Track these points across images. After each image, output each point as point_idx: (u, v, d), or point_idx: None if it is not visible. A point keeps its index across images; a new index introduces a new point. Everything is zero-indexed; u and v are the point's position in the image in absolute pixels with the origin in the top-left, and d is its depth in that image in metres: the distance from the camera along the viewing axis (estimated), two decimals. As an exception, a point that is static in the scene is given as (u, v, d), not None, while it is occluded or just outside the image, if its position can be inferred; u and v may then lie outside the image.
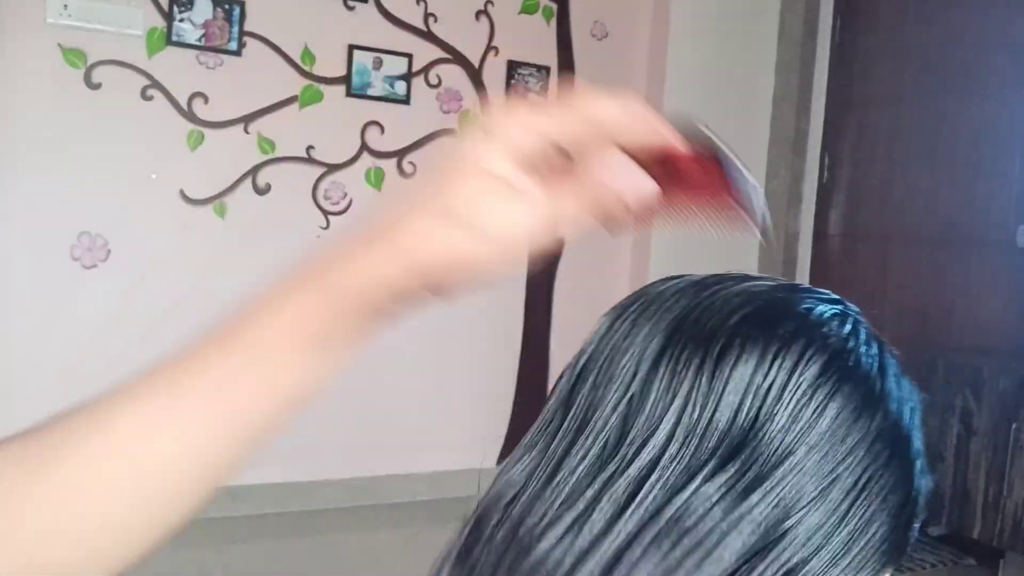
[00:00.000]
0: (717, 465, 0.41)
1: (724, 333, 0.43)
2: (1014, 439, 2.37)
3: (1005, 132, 2.86)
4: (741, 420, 0.42)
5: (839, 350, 0.44)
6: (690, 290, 0.47)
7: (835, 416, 0.42)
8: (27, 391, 2.59)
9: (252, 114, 2.80)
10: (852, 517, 0.42)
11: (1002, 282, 2.85)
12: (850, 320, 0.47)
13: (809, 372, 0.42)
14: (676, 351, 0.44)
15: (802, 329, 0.44)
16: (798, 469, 0.42)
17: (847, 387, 0.43)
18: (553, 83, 3.25)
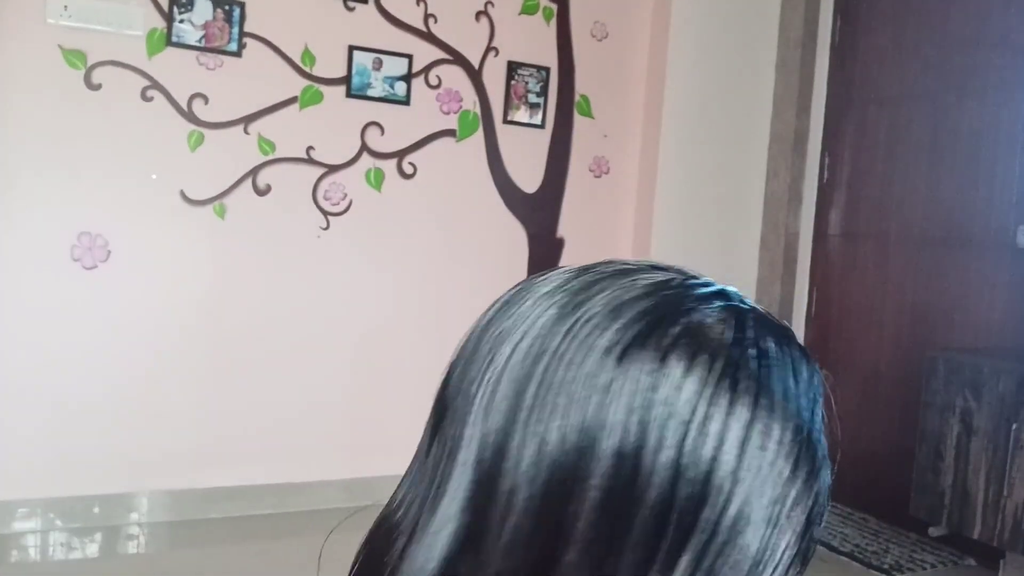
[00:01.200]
0: (621, 535, 0.38)
1: (586, 363, 0.39)
2: (1014, 439, 2.37)
3: (1005, 132, 2.86)
4: (624, 475, 0.38)
5: (724, 366, 0.40)
6: (559, 300, 0.42)
7: (737, 454, 0.39)
8: (27, 391, 2.59)
9: (252, 115, 2.80)
10: (761, 555, 0.39)
11: (1002, 282, 2.85)
12: (732, 314, 0.42)
13: (696, 405, 0.39)
14: (540, 383, 0.40)
15: (680, 344, 0.40)
16: (722, 524, 0.38)
17: (736, 412, 0.39)
18: (553, 84, 3.25)
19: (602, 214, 3.38)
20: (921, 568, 2.73)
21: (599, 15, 3.30)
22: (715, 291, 0.43)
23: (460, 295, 3.11)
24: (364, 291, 3.01)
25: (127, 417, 2.70)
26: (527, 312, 0.43)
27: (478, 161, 3.15)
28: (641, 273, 0.44)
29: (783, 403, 0.40)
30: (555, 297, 0.43)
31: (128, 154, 2.66)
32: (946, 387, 2.54)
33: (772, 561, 0.40)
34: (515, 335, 0.42)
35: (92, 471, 2.67)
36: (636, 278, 0.43)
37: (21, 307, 2.57)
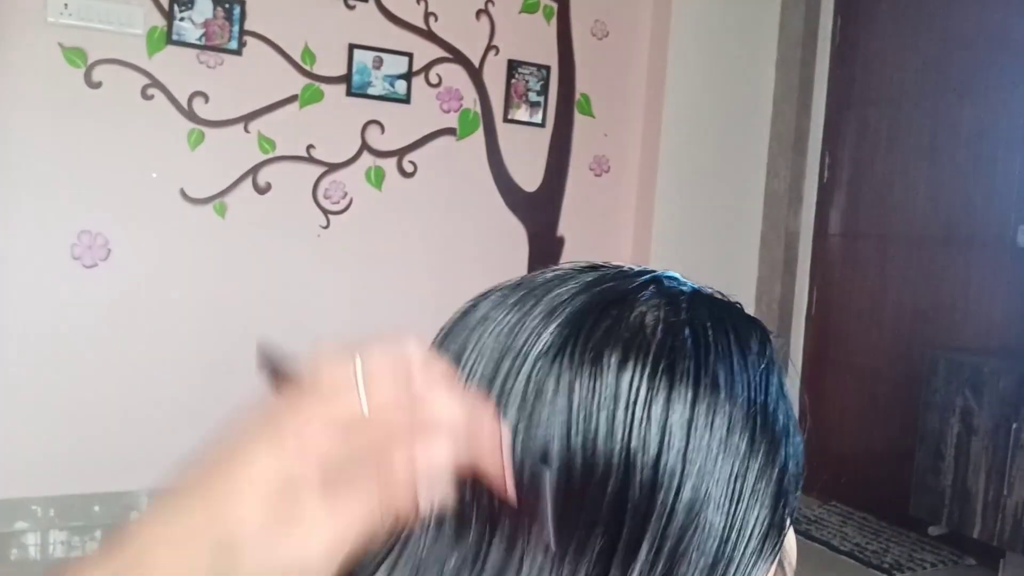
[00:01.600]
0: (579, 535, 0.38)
1: (525, 372, 0.40)
2: (1014, 439, 2.37)
3: (1005, 132, 2.86)
4: (577, 463, 0.38)
5: (658, 351, 0.40)
6: (501, 317, 0.43)
7: (684, 435, 0.39)
8: (27, 389, 2.59)
9: (252, 113, 2.80)
10: (729, 532, 0.39)
11: (1002, 282, 2.85)
12: (663, 299, 0.42)
13: (637, 392, 0.39)
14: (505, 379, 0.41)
15: (613, 336, 0.40)
16: (678, 507, 0.38)
17: (679, 394, 0.39)
18: (554, 82, 3.25)
19: (602, 213, 3.38)
20: (921, 567, 2.73)
21: (599, 14, 3.30)
22: (649, 279, 0.44)
23: (460, 294, 3.09)
24: (364, 289, 3.01)
25: (127, 415, 2.70)
26: (469, 340, 0.44)
27: (478, 160, 3.15)
28: (575, 276, 0.45)
29: (727, 380, 0.40)
30: (493, 317, 0.44)
31: (128, 152, 2.66)
32: (946, 387, 2.54)
33: (743, 536, 0.40)
34: (460, 367, 0.43)
35: (92, 469, 2.67)
36: (569, 281, 0.44)
37: (21, 305, 2.57)
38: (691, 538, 0.38)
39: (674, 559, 0.38)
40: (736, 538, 0.39)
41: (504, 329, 0.42)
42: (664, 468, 0.38)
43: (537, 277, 0.45)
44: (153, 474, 2.65)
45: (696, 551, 0.39)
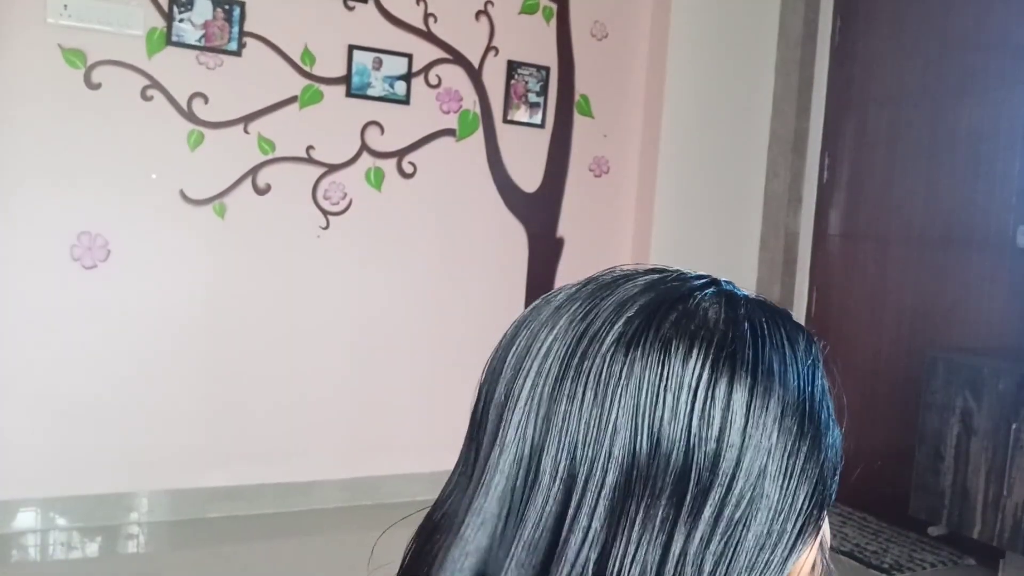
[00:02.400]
0: (649, 502, 0.42)
1: (601, 355, 0.44)
2: (1014, 439, 2.37)
3: (1005, 132, 2.86)
4: (641, 454, 0.43)
5: (721, 341, 0.44)
6: (571, 309, 0.48)
7: (744, 413, 0.43)
8: (27, 390, 2.59)
9: (252, 114, 2.80)
10: (783, 504, 0.44)
11: (1002, 282, 2.85)
12: (723, 298, 0.47)
13: (700, 377, 0.43)
14: (573, 380, 0.45)
15: (680, 328, 0.44)
16: (738, 475, 0.43)
17: (740, 378, 0.44)
18: (553, 83, 3.25)
19: (602, 214, 3.38)
20: (921, 568, 2.73)
21: (599, 15, 3.30)
22: (708, 281, 0.49)
23: (460, 294, 3.11)
24: (364, 291, 3.01)
25: (127, 416, 2.70)
26: (544, 326, 0.48)
27: (478, 161, 3.15)
28: (641, 275, 0.49)
29: (780, 371, 0.45)
30: (566, 308, 0.48)
31: (128, 153, 2.66)
32: (946, 387, 2.54)
33: (794, 510, 0.44)
34: (536, 348, 0.47)
35: (92, 470, 2.67)
36: (637, 279, 0.49)
37: (21, 306, 2.57)
38: (748, 507, 0.43)
39: (732, 525, 0.43)
40: (788, 511, 0.44)
41: (579, 317, 0.47)
42: (726, 442, 0.43)
43: (605, 275, 0.50)
44: (153, 474, 2.68)
45: (753, 519, 0.43)
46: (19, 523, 2.60)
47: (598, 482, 0.43)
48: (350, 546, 2.67)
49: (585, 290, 0.49)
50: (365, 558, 2.28)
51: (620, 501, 0.42)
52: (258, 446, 2.86)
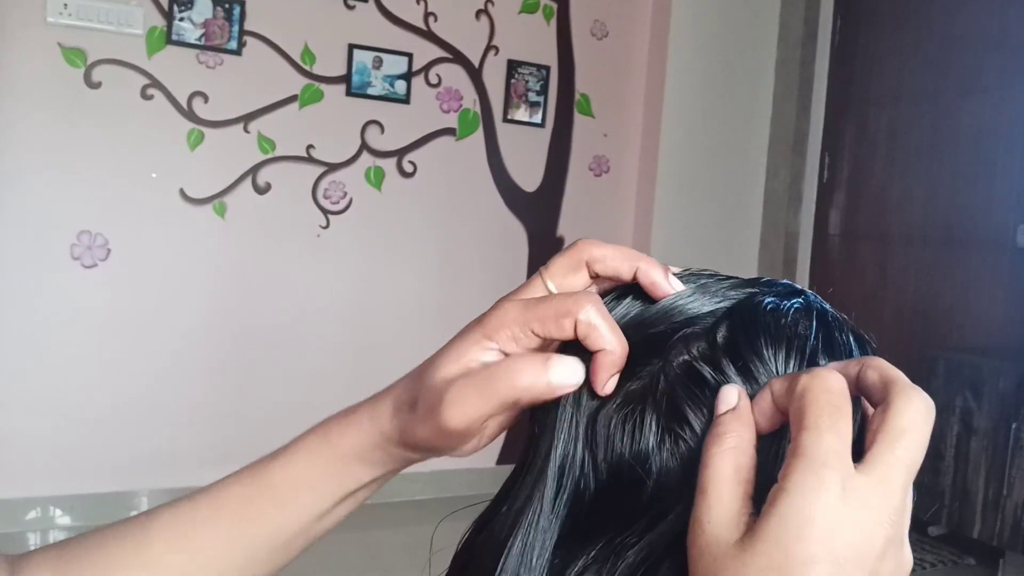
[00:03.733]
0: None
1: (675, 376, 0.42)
2: (1014, 439, 2.37)
3: (1005, 132, 2.86)
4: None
5: (813, 352, 0.43)
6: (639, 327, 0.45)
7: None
8: (28, 389, 2.59)
9: (252, 113, 2.80)
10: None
11: (1002, 282, 2.85)
12: (814, 313, 0.46)
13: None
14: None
15: (776, 336, 0.43)
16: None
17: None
18: (553, 82, 3.25)
19: (602, 213, 3.38)
20: (921, 568, 2.73)
21: (599, 14, 3.30)
22: (799, 289, 0.48)
23: (460, 294, 3.11)
24: (364, 290, 3.01)
25: (127, 415, 2.70)
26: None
27: (478, 160, 3.15)
28: (727, 278, 0.48)
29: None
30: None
31: (128, 152, 2.66)
32: (946, 387, 2.54)
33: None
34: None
35: (92, 469, 2.67)
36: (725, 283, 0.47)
37: (21, 306, 2.57)
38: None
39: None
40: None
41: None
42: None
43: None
44: (153, 474, 2.67)
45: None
46: (20, 522, 2.60)
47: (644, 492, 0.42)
48: (351, 546, 2.67)
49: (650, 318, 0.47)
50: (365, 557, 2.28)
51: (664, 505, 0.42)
52: (258, 445, 2.84)
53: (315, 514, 0.49)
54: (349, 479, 0.48)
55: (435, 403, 0.43)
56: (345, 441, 0.48)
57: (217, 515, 0.48)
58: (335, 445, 0.48)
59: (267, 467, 0.49)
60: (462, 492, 2.98)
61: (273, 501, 0.48)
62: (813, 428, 0.35)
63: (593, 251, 0.46)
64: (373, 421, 0.47)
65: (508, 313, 0.44)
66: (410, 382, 0.47)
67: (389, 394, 0.48)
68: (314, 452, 0.49)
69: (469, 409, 0.42)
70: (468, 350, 0.44)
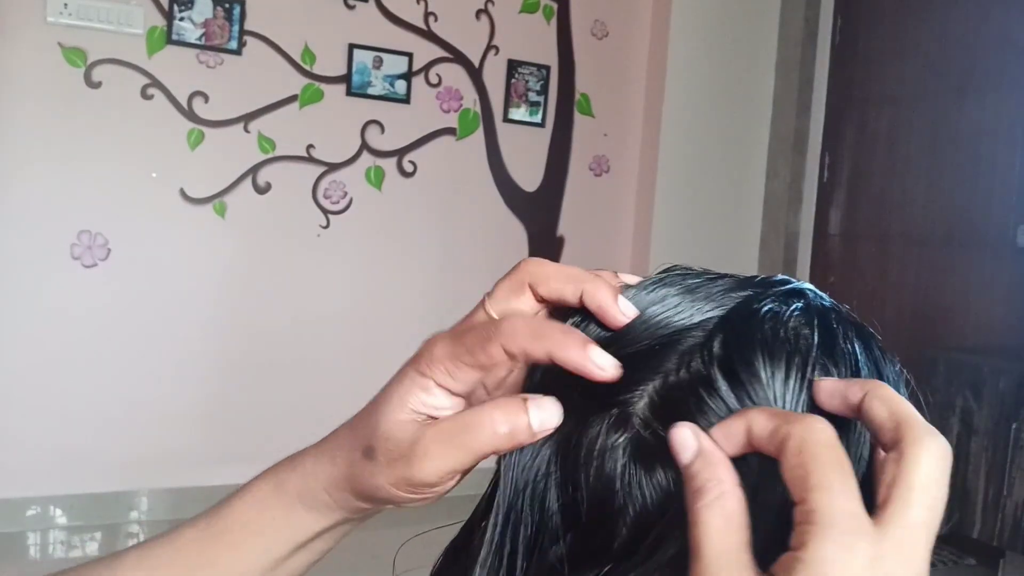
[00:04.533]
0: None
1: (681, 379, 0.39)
2: (1014, 439, 2.37)
3: (1005, 132, 2.85)
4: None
5: (818, 361, 0.40)
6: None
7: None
8: (28, 389, 2.59)
9: (252, 113, 2.80)
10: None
11: (1002, 282, 2.85)
12: (815, 315, 0.42)
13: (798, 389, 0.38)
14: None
15: (775, 351, 0.39)
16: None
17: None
18: (553, 82, 3.25)
19: (602, 213, 3.38)
20: (920, 568, 2.73)
21: (599, 14, 3.30)
22: (795, 289, 0.43)
23: (460, 293, 3.10)
24: (364, 289, 3.01)
25: (127, 415, 2.70)
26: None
27: (478, 160, 3.15)
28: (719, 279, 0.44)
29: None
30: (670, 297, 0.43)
31: (128, 152, 2.66)
32: (946, 387, 2.54)
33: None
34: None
35: (92, 469, 2.67)
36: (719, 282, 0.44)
37: (21, 305, 2.57)
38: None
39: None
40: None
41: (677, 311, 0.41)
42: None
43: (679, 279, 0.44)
44: (153, 474, 2.67)
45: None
46: (20, 521, 2.60)
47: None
48: (350, 546, 2.67)
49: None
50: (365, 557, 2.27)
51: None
52: (258, 445, 2.86)
53: (269, 561, 0.47)
54: (298, 526, 0.47)
55: (402, 453, 0.41)
56: (290, 486, 0.46)
57: (176, 558, 0.48)
58: (282, 490, 0.47)
59: (222, 510, 0.48)
60: (462, 492, 2.98)
61: (227, 544, 0.47)
62: (825, 489, 0.32)
63: (535, 271, 0.43)
64: (318, 465, 0.45)
65: (437, 348, 0.42)
66: (357, 428, 0.44)
67: (335, 440, 0.46)
68: (264, 496, 0.47)
69: (445, 463, 0.40)
70: (409, 392, 0.42)
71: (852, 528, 0.31)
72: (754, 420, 0.35)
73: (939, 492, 0.34)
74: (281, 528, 0.46)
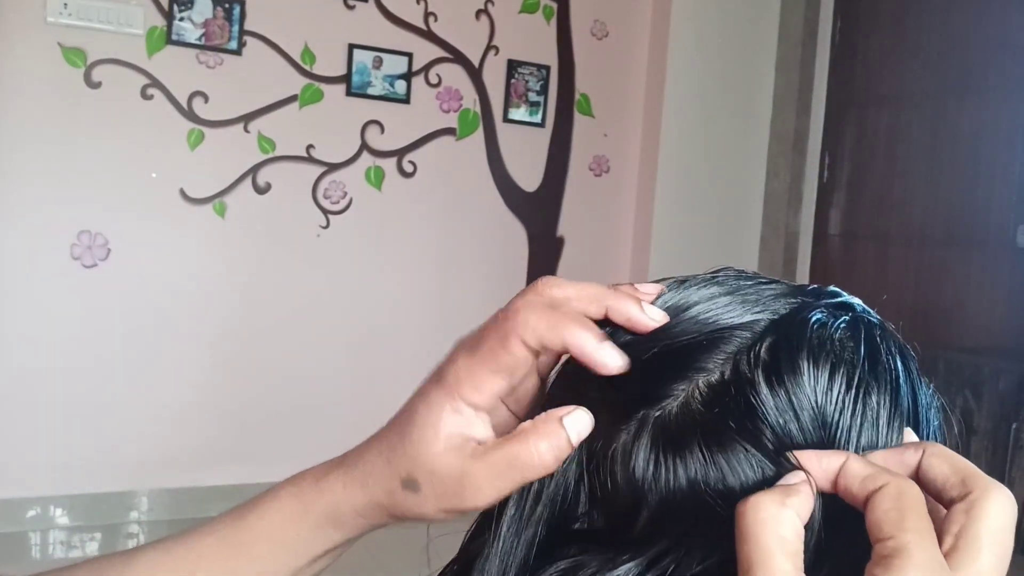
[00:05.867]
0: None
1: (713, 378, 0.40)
2: (1014, 439, 2.37)
3: (1005, 132, 2.86)
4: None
5: (862, 376, 0.40)
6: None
7: (869, 438, 0.39)
8: (28, 389, 2.59)
9: (252, 113, 2.80)
10: None
11: (1002, 282, 2.85)
12: (862, 330, 0.42)
13: (843, 400, 0.39)
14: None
15: (820, 360, 0.40)
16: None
17: (872, 403, 0.40)
18: (553, 82, 3.25)
19: (602, 213, 3.38)
20: (920, 568, 2.73)
21: (599, 14, 3.30)
22: (844, 303, 0.44)
23: (460, 294, 3.11)
24: (364, 289, 3.01)
25: (127, 415, 2.70)
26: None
27: (478, 160, 3.15)
28: (769, 284, 0.45)
29: (910, 407, 0.43)
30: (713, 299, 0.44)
31: (128, 152, 2.66)
32: (946, 387, 2.54)
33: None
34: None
35: (92, 469, 2.67)
36: (768, 287, 0.44)
37: (21, 305, 2.57)
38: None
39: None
40: None
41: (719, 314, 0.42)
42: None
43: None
44: (153, 474, 2.67)
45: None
46: (20, 521, 2.60)
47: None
48: (350, 541, 2.67)
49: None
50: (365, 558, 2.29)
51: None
52: (258, 445, 2.86)
53: (291, 571, 0.48)
54: (325, 540, 0.48)
55: (452, 488, 0.42)
56: (319, 508, 0.47)
57: (199, 563, 0.48)
58: (310, 511, 0.47)
59: (243, 522, 0.49)
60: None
61: (250, 557, 0.48)
62: (920, 534, 0.33)
63: (555, 293, 0.43)
64: (349, 491, 0.46)
65: (460, 365, 0.43)
66: (389, 456, 0.44)
67: (363, 465, 0.46)
68: (290, 513, 0.48)
69: (496, 493, 0.41)
70: (440, 418, 0.42)
71: (936, 570, 0.32)
72: (850, 464, 0.36)
73: (1008, 541, 0.35)
74: (308, 542, 0.47)
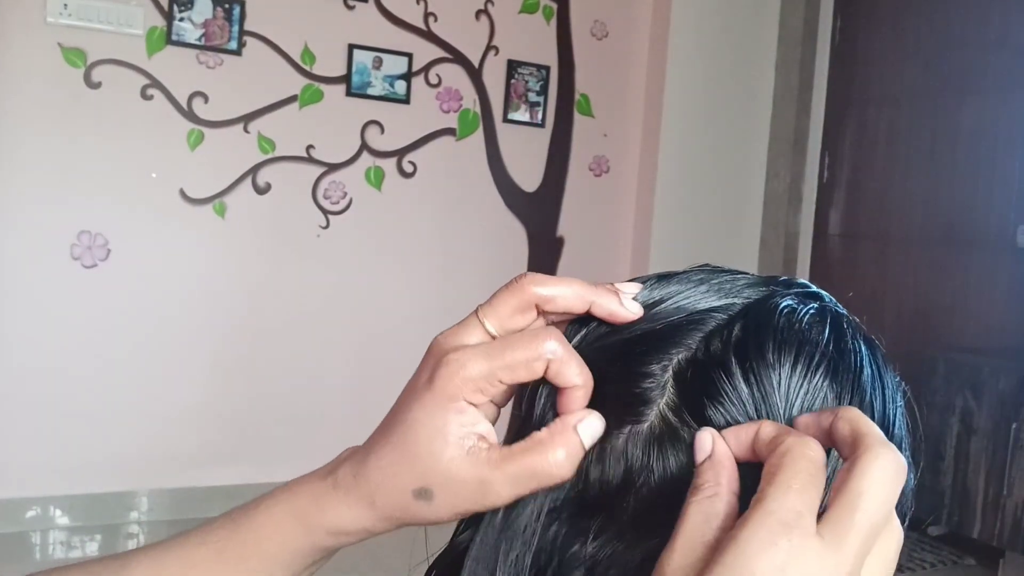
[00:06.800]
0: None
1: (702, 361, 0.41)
2: (1014, 439, 2.37)
3: (1005, 132, 2.86)
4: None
5: (825, 355, 0.42)
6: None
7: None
8: (28, 389, 2.59)
9: (252, 113, 2.80)
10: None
11: (1002, 282, 2.85)
12: (829, 316, 0.45)
13: (810, 383, 0.41)
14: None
15: (787, 340, 0.41)
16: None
17: (835, 384, 0.41)
18: (553, 83, 3.25)
19: (602, 213, 3.38)
20: (921, 567, 2.73)
21: (599, 14, 3.30)
22: (813, 293, 0.47)
23: (460, 294, 3.10)
24: (364, 289, 3.01)
25: (127, 415, 2.70)
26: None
27: (478, 160, 3.15)
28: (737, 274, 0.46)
29: (870, 402, 0.43)
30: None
31: (128, 153, 2.66)
32: (946, 387, 2.54)
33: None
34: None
35: (92, 469, 2.67)
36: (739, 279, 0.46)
37: (21, 306, 2.57)
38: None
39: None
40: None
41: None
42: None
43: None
44: (153, 474, 2.67)
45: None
46: (19, 522, 2.60)
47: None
48: (350, 546, 2.67)
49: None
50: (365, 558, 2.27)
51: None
52: (258, 445, 2.86)
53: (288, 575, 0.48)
54: (321, 552, 0.48)
55: (470, 495, 0.42)
56: (320, 527, 0.46)
57: (191, 574, 0.48)
58: (310, 528, 0.46)
59: (236, 535, 0.48)
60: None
61: (247, 570, 0.47)
62: (783, 485, 0.33)
63: (540, 291, 0.44)
64: (354, 511, 0.45)
65: (471, 367, 0.43)
66: (394, 471, 0.44)
67: (367, 484, 0.45)
68: (286, 530, 0.47)
69: (514, 496, 0.42)
70: (447, 423, 0.43)
71: (789, 521, 0.32)
72: (762, 428, 0.37)
73: (883, 498, 0.35)
74: (305, 555, 0.47)
